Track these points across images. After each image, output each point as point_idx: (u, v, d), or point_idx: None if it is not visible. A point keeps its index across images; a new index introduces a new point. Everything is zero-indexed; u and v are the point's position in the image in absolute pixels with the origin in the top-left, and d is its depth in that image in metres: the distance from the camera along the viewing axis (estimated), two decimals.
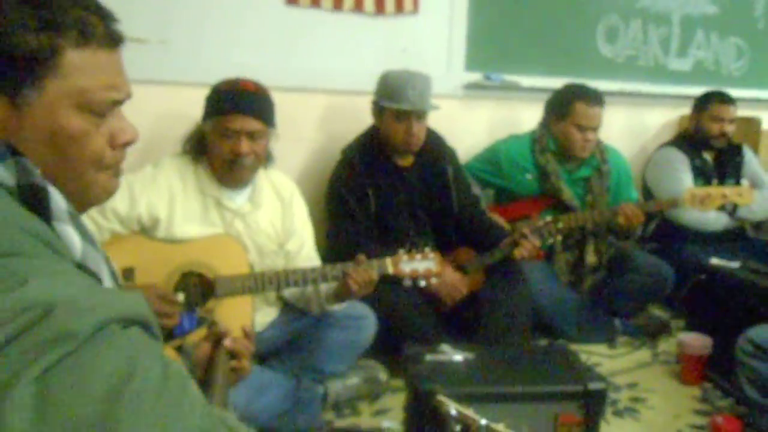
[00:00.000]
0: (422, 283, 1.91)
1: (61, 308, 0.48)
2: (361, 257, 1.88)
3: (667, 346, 2.64)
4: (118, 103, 0.75)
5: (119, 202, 1.80)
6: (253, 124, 1.84)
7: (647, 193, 3.05)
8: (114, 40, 0.73)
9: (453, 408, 0.87)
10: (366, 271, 1.87)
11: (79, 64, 0.69)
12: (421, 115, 2.30)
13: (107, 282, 0.69)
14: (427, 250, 1.92)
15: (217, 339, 1.09)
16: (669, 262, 2.75)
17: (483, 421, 0.85)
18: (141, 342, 0.53)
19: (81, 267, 0.64)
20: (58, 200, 0.65)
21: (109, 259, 0.74)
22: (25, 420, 0.43)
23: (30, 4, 0.67)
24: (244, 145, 1.84)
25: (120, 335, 0.51)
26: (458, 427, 0.87)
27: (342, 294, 1.93)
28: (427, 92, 2.30)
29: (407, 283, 1.90)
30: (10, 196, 0.61)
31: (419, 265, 1.90)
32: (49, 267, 0.55)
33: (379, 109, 2.34)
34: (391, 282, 1.97)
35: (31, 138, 0.68)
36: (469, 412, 0.87)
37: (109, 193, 0.80)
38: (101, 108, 0.72)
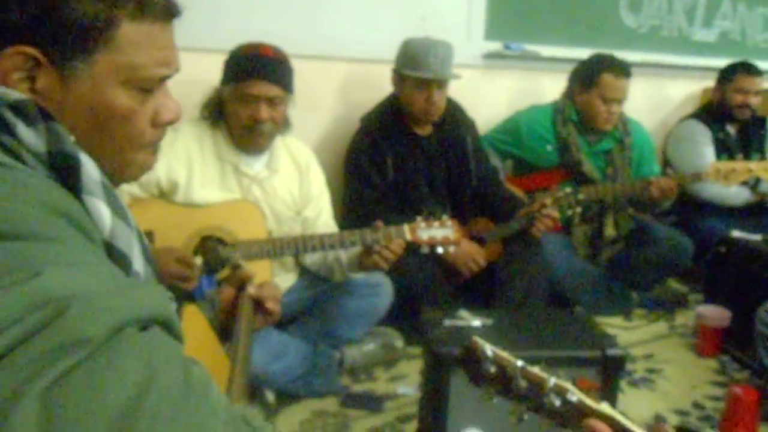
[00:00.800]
0: (440, 251, 1.91)
1: (75, 308, 0.44)
2: (379, 223, 1.88)
3: (684, 319, 2.63)
4: (166, 78, 0.72)
5: None
6: (272, 90, 1.83)
7: (668, 168, 3.01)
8: (171, 14, 0.71)
9: (489, 349, 0.86)
10: (390, 247, 1.85)
11: (133, 39, 0.66)
12: (442, 84, 2.28)
13: (138, 261, 0.66)
14: (444, 217, 1.91)
15: (241, 282, 1.10)
16: (688, 236, 2.72)
17: (519, 363, 0.85)
18: (161, 346, 0.48)
19: (109, 246, 0.61)
20: (90, 170, 0.61)
21: (142, 235, 0.72)
22: None
23: None
24: (264, 111, 1.83)
25: (138, 339, 0.46)
26: (493, 368, 0.86)
27: (366, 265, 1.92)
28: (449, 60, 2.27)
29: (425, 250, 1.89)
30: (40, 164, 0.58)
31: (437, 232, 1.89)
32: (67, 254, 0.51)
33: (399, 77, 2.31)
34: (408, 250, 1.96)
35: (74, 111, 0.65)
36: (505, 353, 0.87)
37: (147, 169, 0.77)
38: (150, 84, 0.70)
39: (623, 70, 2.58)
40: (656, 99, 3.40)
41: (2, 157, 0.56)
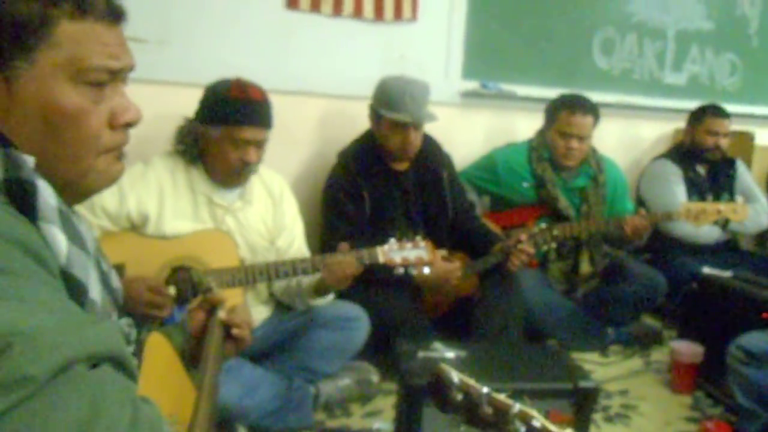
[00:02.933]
0: (414, 272, 1.91)
1: (19, 345, 0.42)
2: (344, 245, 1.88)
3: (659, 355, 2.65)
4: (116, 73, 0.70)
5: (108, 199, 1.80)
6: (262, 134, 1.88)
7: (640, 205, 3.07)
8: (114, 16, 0.70)
9: (456, 376, 0.87)
10: (341, 262, 1.86)
11: (73, 35, 0.65)
12: (418, 125, 2.31)
13: (94, 288, 0.64)
14: (417, 238, 1.93)
15: (211, 307, 1.07)
16: (662, 273, 2.76)
17: (485, 389, 0.85)
18: (109, 383, 0.47)
19: (65, 273, 0.60)
20: (47, 197, 0.60)
21: (101, 262, 0.70)
22: None
23: None
24: (253, 154, 1.86)
25: (85, 377, 0.45)
26: (460, 395, 0.87)
27: (321, 287, 1.93)
28: (425, 101, 2.30)
29: (399, 271, 1.90)
30: None
31: (410, 253, 1.90)
32: (19, 288, 0.49)
33: (376, 116, 2.34)
34: (382, 273, 1.96)
35: (24, 117, 0.63)
36: (472, 381, 0.87)
37: (112, 178, 0.74)
38: (98, 77, 0.67)
39: (580, 107, 2.63)
40: (629, 139, 3.49)
41: None
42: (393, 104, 2.26)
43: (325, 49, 2.60)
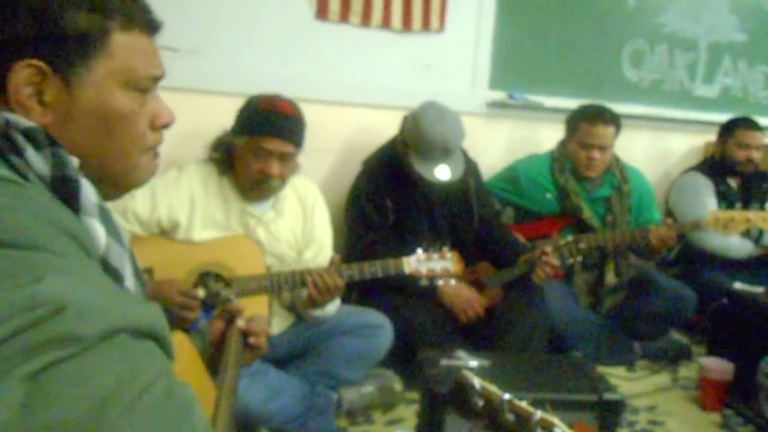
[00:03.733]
0: (440, 283, 1.91)
1: (72, 309, 0.46)
2: (335, 257, 1.87)
3: (687, 371, 2.59)
4: (158, 79, 0.78)
5: (140, 204, 1.84)
6: (286, 147, 1.87)
7: (670, 218, 3.02)
8: (153, 28, 0.77)
9: (477, 383, 0.87)
10: (322, 276, 1.83)
11: (124, 46, 0.73)
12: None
13: (129, 280, 0.69)
14: (444, 249, 1.92)
15: (231, 317, 1.11)
16: (691, 287, 2.71)
17: (506, 396, 0.85)
18: (150, 355, 0.50)
19: (104, 262, 0.65)
20: (88, 193, 0.65)
21: (134, 257, 0.74)
22: (9, 413, 0.40)
23: None
24: (275, 167, 1.86)
25: (128, 345, 0.48)
26: (481, 402, 0.87)
27: (311, 299, 1.90)
28: (459, 154, 2.27)
29: (424, 282, 1.90)
30: (43, 186, 0.63)
31: (436, 264, 1.90)
32: (69, 265, 0.54)
33: (403, 147, 2.29)
34: (407, 284, 1.96)
35: (81, 118, 0.70)
36: (493, 387, 0.87)
37: (151, 173, 0.81)
38: (145, 84, 0.75)
39: (600, 117, 2.61)
40: (659, 151, 3.45)
41: (14, 175, 0.60)
42: (426, 153, 2.21)
43: (353, 59, 2.63)
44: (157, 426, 0.46)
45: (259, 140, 1.85)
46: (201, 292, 1.74)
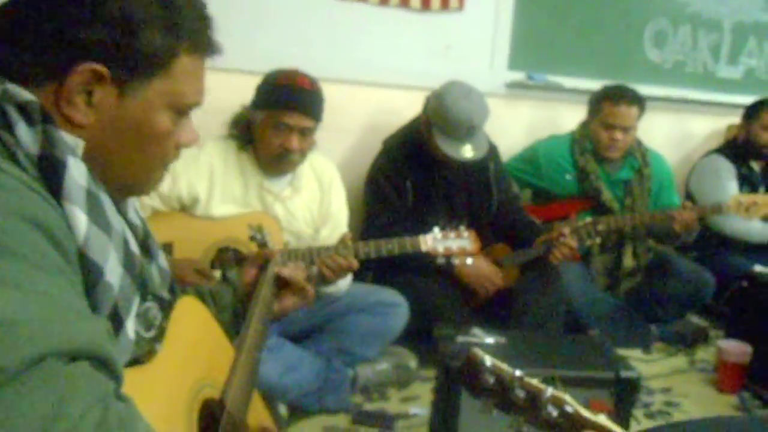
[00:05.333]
0: (456, 262, 1.91)
1: None
2: (347, 235, 1.88)
3: (704, 354, 2.58)
4: (189, 110, 0.79)
5: None
6: (306, 122, 1.88)
7: (691, 202, 2.99)
8: (214, 51, 0.78)
9: (488, 360, 0.87)
10: (335, 257, 1.82)
11: (185, 69, 0.73)
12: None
13: (112, 271, 0.66)
14: (461, 228, 1.92)
15: (264, 261, 1.05)
16: (710, 270, 2.69)
17: (517, 373, 0.85)
18: (82, 380, 0.47)
19: (81, 255, 0.62)
20: (76, 176, 0.63)
21: (128, 243, 0.72)
22: None
23: (161, 4, 0.71)
24: (295, 142, 1.87)
25: (57, 372, 0.45)
26: (492, 379, 0.87)
27: (323, 276, 1.88)
28: (483, 132, 2.26)
29: (441, 261, 1.90)
30: (31, 165, 0.62)
31: (453, 243, 1.90)
32: (19, 272, 0.51)
33: (428, 125, 2.27)
34: (423, 262, 1.96)
35: (121, 127, 0.71)
36: (504, 365, 0.87)
37: (158, 186, 0.84)
38: (187, 110, 0.77)
39: (624, 97, 2.57)
40: (680, 134, 3.40)
41: None
42: (452, 133, 2.19)
43: (372, 39, 2.62)
44: None
45: (279, 114, 1.86)
46: (217, 273, 1.76)
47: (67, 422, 0.42)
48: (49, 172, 0.61)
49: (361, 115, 2.68)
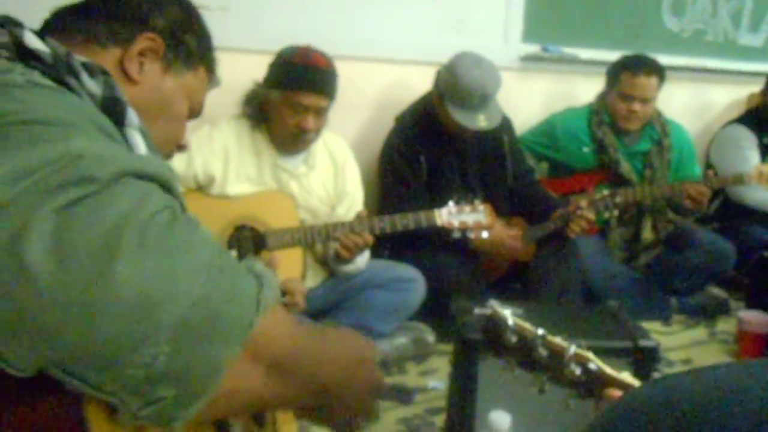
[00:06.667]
0: (471, 236, 1.91)
1: (88, 157, 0.54)
2: (362, 212, 1.88)
3: (725, 325, 2.55)
4: (194, 114, 0.92)
5: (176, 160, 1.85)
6: (322, 102, 1.88)
7: (709, 169, 2.94)
8: (215, 82, 0.95)
9: (510, 318, 0.87)
10: (350, 236, 1.84)
11: (202, 79, 0.91)
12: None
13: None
14: (476, 202, 1.92)
15: None
16: (730, 241, 2.65)
17: (540, 331, 0.85)
18: (155, 192, 0.57)
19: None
20: (132, 116, 0.73)
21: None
22: (43, 246, 0.48)
23: (200, 21, 0.90)
24: (311, 122, 1.88)
25: (135, 185, 0.56)
26: (514, 338, 0.87)
27: (340, 256, 1.92)
28: (496, 102, 2.24)
29: (456, 235, 1.90)
30: (93, 102, 0.69)
31: (468, 217, 1.90)
32: (96, 136, 0.60)
33: (440, 98, 2.26)
34: (439, 236, 1.96)
35: (157, 96, 0.83)
36: (527, 324, 0.87)
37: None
38: (194, 109, 0.91)
39: (644, 68, 2.53)
40: (700, 104, 3.34)
41: (60, 87, 0.65)
42: (464, 105, 2.18)
43: (384, 14, 2.59)
44: (170, 241, 0.53)
45: (294, 95, 1.85)
46: (234, 252, 1.77)
47: (150, 210, 0.53)
48: (114, 109, 0.70)
49: (372, 91, 2.66)
